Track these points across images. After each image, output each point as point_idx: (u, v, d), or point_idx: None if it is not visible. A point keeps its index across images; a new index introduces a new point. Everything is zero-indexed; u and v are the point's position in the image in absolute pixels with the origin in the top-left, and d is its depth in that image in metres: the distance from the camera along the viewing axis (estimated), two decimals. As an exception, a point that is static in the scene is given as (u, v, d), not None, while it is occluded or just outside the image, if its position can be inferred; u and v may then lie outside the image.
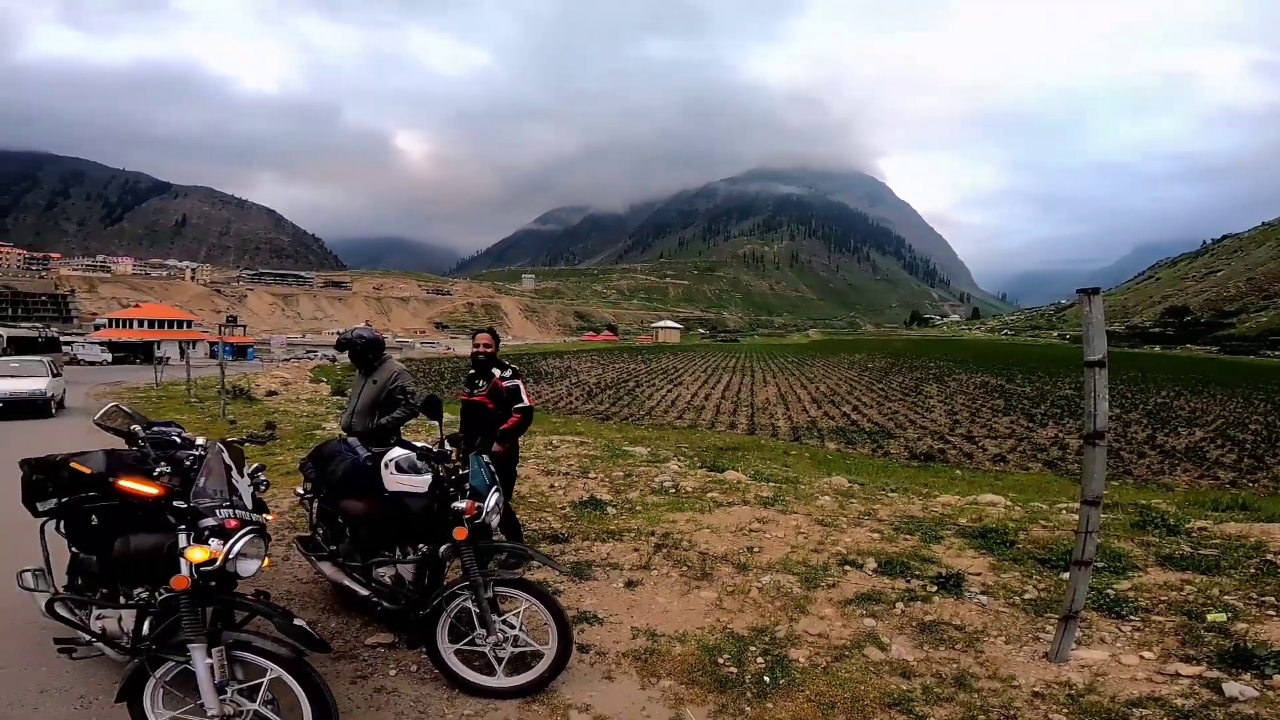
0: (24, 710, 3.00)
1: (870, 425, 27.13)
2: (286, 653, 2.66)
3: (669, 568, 4.75)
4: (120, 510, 2.97)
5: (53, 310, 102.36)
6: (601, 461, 9.15)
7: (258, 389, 22.86)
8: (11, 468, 3.46)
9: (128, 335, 66.42)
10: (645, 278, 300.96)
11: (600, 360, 68.69)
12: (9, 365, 17.07)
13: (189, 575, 2.60)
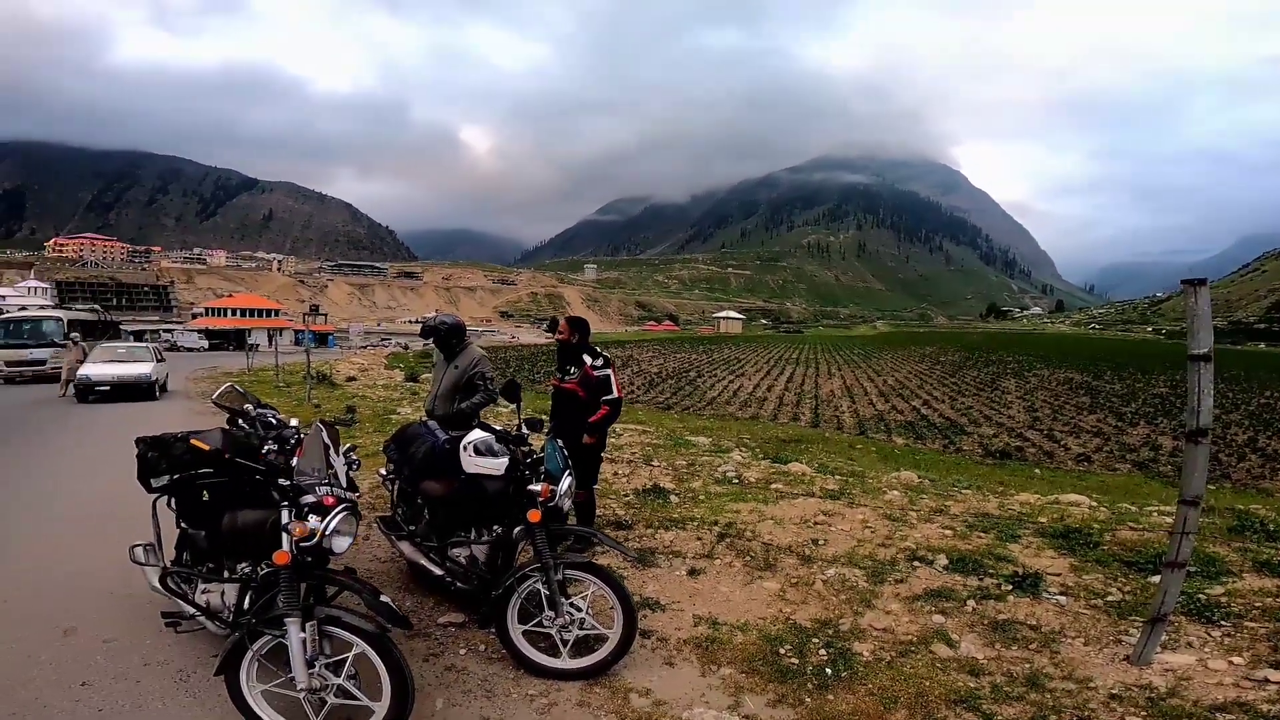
0: (127, 683, 3.15)
1: (941, 420, 26.19)
2: (372, 628, 2.74)
3: (732, 557, 4.75)
4: (229, 486, 3.15)
5: (154, 300, 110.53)
6: (664, 450, 9.22)
7: (338, 375, 24.10)
8: (126, 447, 3.68)
9: (222, 324, 71.09)
10: (707, 268, 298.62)
11: (661, 350, 68.79)
12: (117, 351, 18.60)
13: (290, 550, 2.72)
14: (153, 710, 2.92)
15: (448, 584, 3.77)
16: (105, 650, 3.42)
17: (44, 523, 5.74)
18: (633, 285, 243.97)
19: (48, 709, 2.90)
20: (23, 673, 3.17)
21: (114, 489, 6.50)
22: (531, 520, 3.40)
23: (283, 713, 2.75)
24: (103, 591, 4.11)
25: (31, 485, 7.24)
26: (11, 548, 5.00)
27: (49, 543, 5.13)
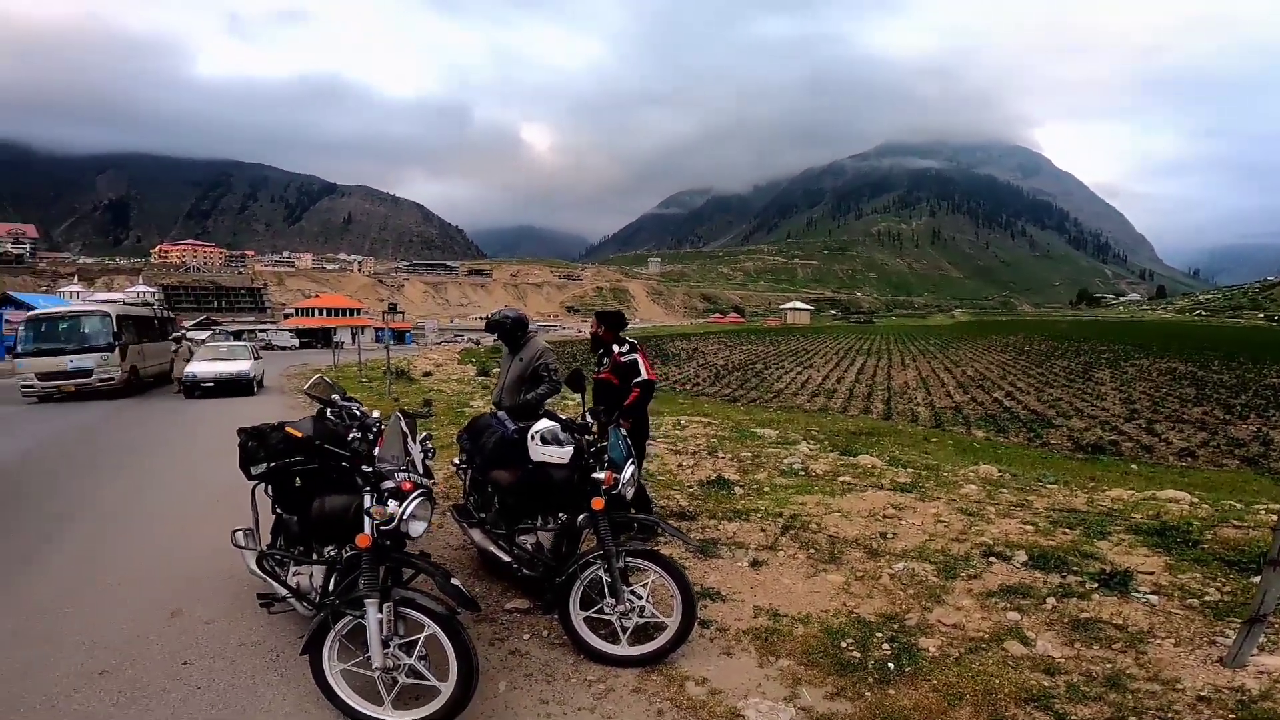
0: (223, 662, 3.34)
1: (1026, 413, 24.87)
2: (442, 611, 2.84)
3: (795, 549, 4.70)
4: (319, 473, 3.34)
5: (250, 302, 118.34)
6: (729, 442, 9.21)
7: (415, 370, 25.19)
8: (229, 439, 3.95)
9: (310, 323, 75.34)
10: (772, 259, 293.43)
11: (727, 342, 68.23)
12: (219, 350, 20.07)
13: (371, 534, 2.88)
14: (244, 689, 3.10)
15: (515, 570, 3.87)
16: (206, 631, 3.67)
17: (158, 510, 6.29)
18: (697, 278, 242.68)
19: (150, 687, 3.10)
20: (132, 652, 3.42)
21: (219, 477, 7.06)
22: (595, 508, 3.46)
23: (358, 691, 2.88)
24: (207, 574, 4.43)
25: (146, 476, 7.94)
26: (129, 534, 5.48)
27: (162, 528, 5.61)
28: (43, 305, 45.23)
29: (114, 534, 5.46)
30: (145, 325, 19.99)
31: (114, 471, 8.08)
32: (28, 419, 13.10)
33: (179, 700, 2.99)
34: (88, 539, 5.30)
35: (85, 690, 3.05)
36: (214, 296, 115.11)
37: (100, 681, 3.13)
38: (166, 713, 2.91)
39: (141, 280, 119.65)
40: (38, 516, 5.91)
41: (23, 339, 16.53)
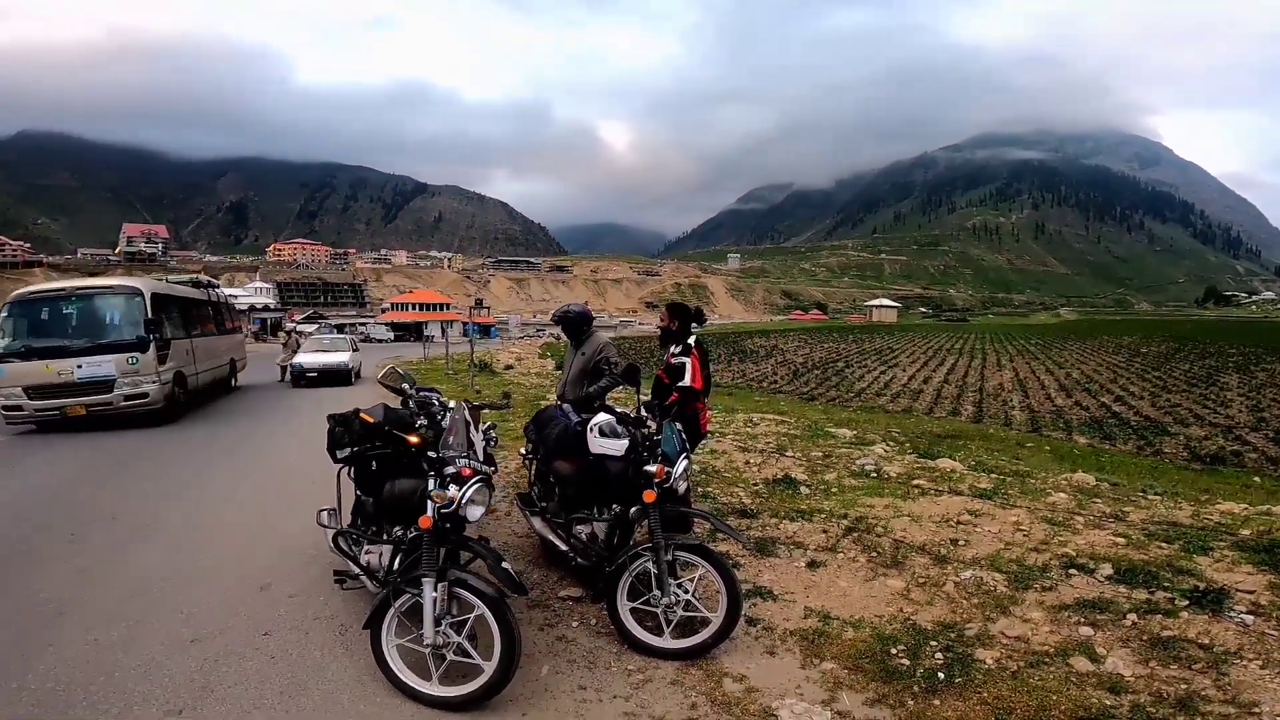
0: (298, 634, 3.59)
1: (1138, 419, 22.96)
2: (492, 593, 2.98)
3: (857, 552, 4.60)
4: (391, 458, 3.56)
5: (352, 297, 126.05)
6: (801, 441, 9.08)
7: (498, 363, 26.17)
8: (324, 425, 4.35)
9: (404, 317, 79.50)
10: (857, 254, 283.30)
11: (808, 339, 66.68)
12: (323, 342, 21.59)
13: (432, 516, 3.05)
14: (312, 660, 3.33)
15: (570, 559, 3.98)
16: (288, 604, 3.94)
17: (258, 490, 6.85)
18: (777, 274, 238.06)
19: (234, 655, 3.36)
20: (222, 622, 3.71)
21: (315, 461, 7.66)
22: (647, 500, 3.51)
23: (410, 666, 3.05)
24: (295, 551, 4.78)
25: (253, 457, 8.68)
26: (230, 512, 5.99)
27: (261, 507, 6.10)
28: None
29: (221, 511, 5.99)
30: (195, 312, 14.12)
31: (225, 452, 8.89)
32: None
33: (255, 669, 3.23)
34: (196, 515, 5.82)
35: (177, 657, 3.33)
36: (320, 292, 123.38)
37: (191, 649, 3.41)
38: (244, 680, 3.14)
39: (259, 277, 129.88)
40: (152, 495, 6.55)
41: (5, 331, 10.42)
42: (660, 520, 3.49)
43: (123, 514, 5.77)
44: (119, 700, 2.92)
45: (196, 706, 2.90)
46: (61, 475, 7.37)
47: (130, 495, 6.48)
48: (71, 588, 4.16)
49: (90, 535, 5.16)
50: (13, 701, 2.91)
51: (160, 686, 3.05)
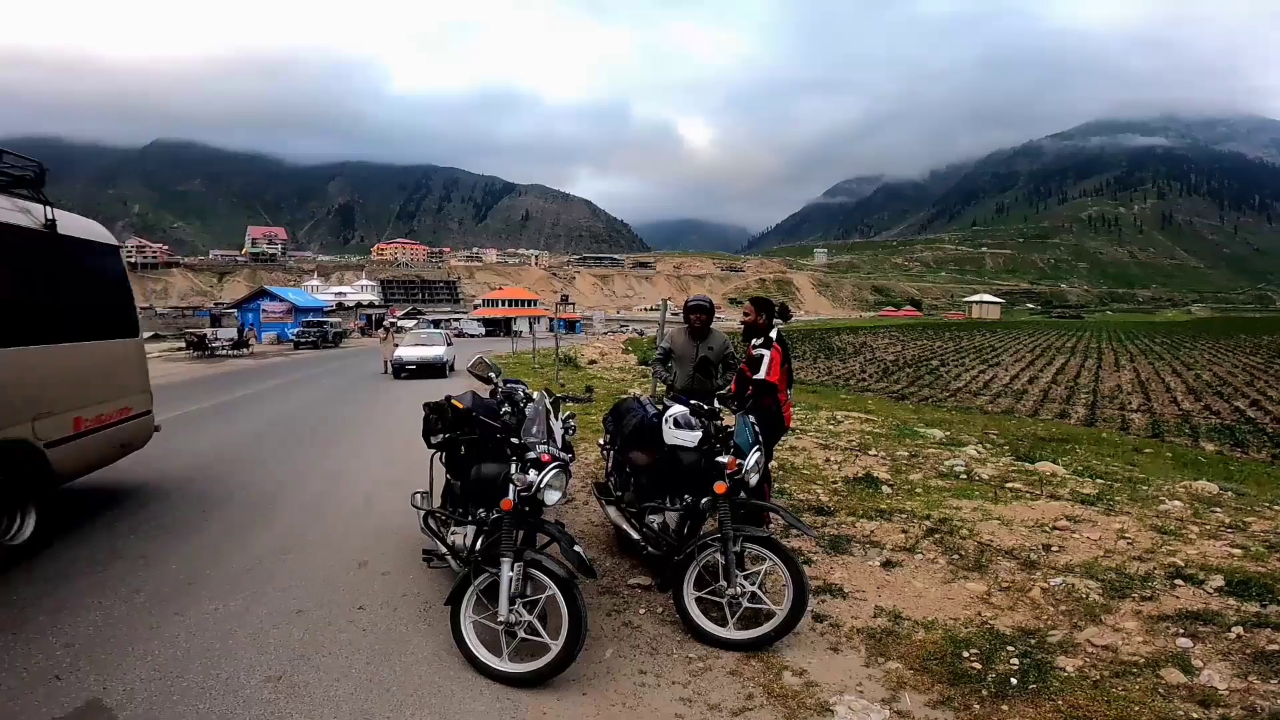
0: (387, 610, 3.81)
1: (1276, 426, 20.60)
2: (564, 574, 3.10)
3: (937, 554, 4.45)
4: (479, 443, 3.77)
5: (447, 294, 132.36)
6: (886, 440, 8.79)
7: (582, 358, 26.76)
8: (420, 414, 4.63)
9: (494, 313, 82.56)
10: (955, 248, 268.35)
11: (900, 336, 63.97)
12: (420, 336, 22.85)
13: (513, 499, 3.22)
14: (398, 634, 3.54)
15: (641, 548, 4.07)
16: (382, 581, 4.20)
17: (362, 473, 7.36)
18: (867, 269, 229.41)
19: (330, 627, 3.60)
20: (323, 596, 3.98)
21: (411, 447, 8.14)
22: (717, 491, 3.54)
23: (483, 642, 3.20)
24: (390, 531, 5.11)
25: (358, 443, 9.34)
26: (337, 494, 6.47)
27: (363, 489, 6.56)
28: (292, 298, 54.36)
29: (328, 492, 6.51)
30: None
31: (332, 440, 9.62)
32: (269, 396, 15.94)
33: (347, 640, 3.47)
34: (307, 496, 6.34)
35: (283, 627, 3.59)
36: (418, 289, 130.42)
37: (295, 620, 3.68)
38: (336, 650, 3.38)
39: (364, 275, 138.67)
40: (272, 476, 7.17)
41: None
42: (730, 512, 3.51)
43: (246, 493, 6.38)
44: (229, 666, 3.19)
45: (293, 673, 3.14)
46: (185, 461, 8.20)
47: (252, 478, 7.13)
48: (201, 560, 4.56)
49: (216, 513, 5.73)
50: (136, 665, 3.17)
51: (265, 654, 3.31)
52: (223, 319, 65.53)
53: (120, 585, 4.07)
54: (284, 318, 47.60)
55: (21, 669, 3.09)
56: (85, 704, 2.85)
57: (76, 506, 5.79)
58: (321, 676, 3.11)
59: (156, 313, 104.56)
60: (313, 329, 40.72)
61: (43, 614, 3.64)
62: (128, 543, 4.84)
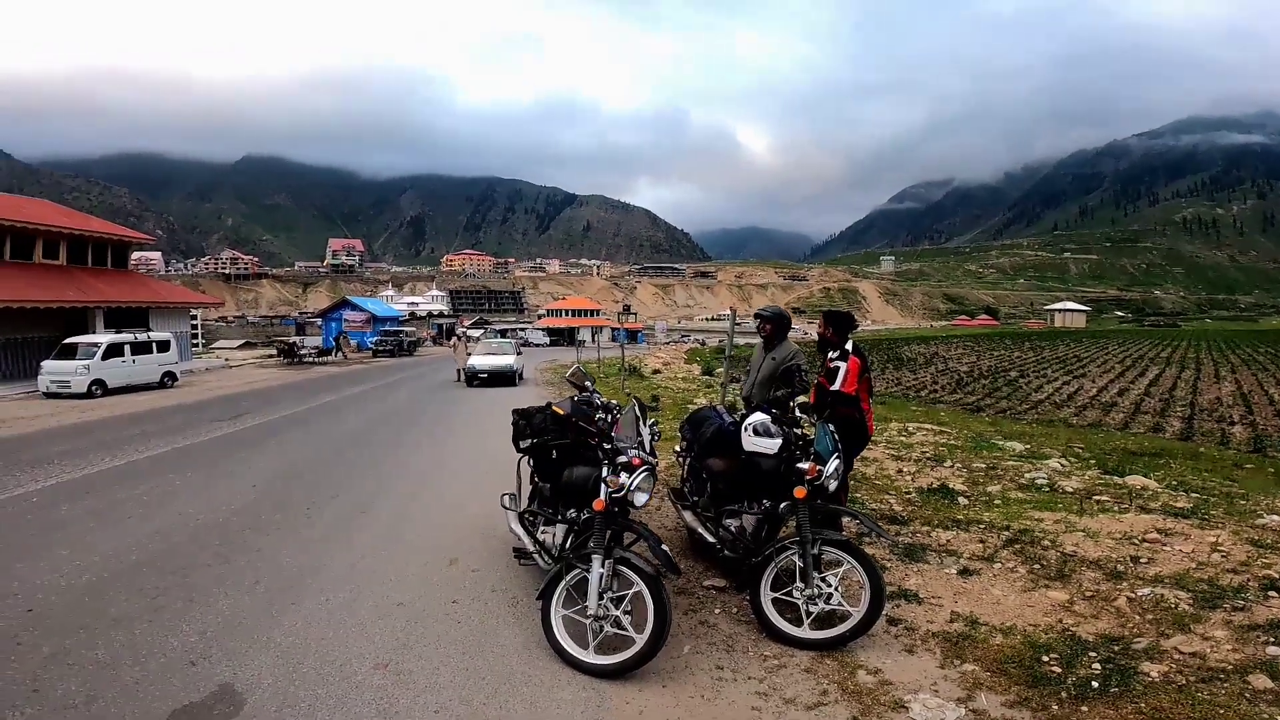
0: (478, 604, 4.03)
1: (1404, 444, 18.70)
2: (651, 572, 3.27)
3: (1017, 563, 4.39)
4: (570, 447, 3.99)
5: (512, 304, 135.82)
6: (961, 452, 8.58)
7: (645, 367, 27.02)
8: (498, 419, 4.93)
9: (558, 323, 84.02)
10: (1035, 254, 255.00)
11: (974, 346, 61.44)
12: (491, 346, 23.65)
13: (605, 500, 3.43)
14: (488, 626, 3.75)
15: (717, 551, 4.20)
16: (472, 577, 4.45)
17: (448, 476, 7.77)
18: (939, 276, 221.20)
19: (428, 618, 3.85)
20: (420, 590, 4.25)
21: (493, 449, 8.55)
22: (797, 496, 3.65)
23: (571, 635, 3.38)
24: (477, 530, 5.45)
25: (443, 446, 9.82)
26: (426, 495, 6.88)
27: (450, 491, 6.95)
28: (370, 308, 57.12)
29: (419, 492, 6.92)
30: None
31: (418, 443, 10.15)
32: (358, 401, 16.84)
33: (444, 631, 3.70)
34: (400, 496, 6.76)
35: (387, 619, 3.84)
36: (485, 299, 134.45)
37: (396, 612, 3.93)
38: (435, 640, 3.61)
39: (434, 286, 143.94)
40: (367, 477, 7.66)
41: None
42: (809, 516, 3.62)
43: (345, 494, 6.85)
44: (342, 652, 3.42)
45: (398, 660, 3.35)
46: (292, 460, 8.84)
47: (350, 477, 7.65)
48: (311, 555, 4.92)
49: (322, 511, 6.18)
50: (261, 653, 3.43)
51: (373, 643, 3.54)
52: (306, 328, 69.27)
53: (242, 577, 4.46)
54: (364, 327, 50.06)
55: (160, 654, 3.39)
56: (219, 688, 3.08)
57: (192, 501, 6.38)
58: (423, 665, 3.32)
59: (248, 321, 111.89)
60: (390, 338, 42.77)
61: (178, 602, 4.03)
62: (244, 538, 5.31)
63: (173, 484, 7.23)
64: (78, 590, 4.23)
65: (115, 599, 4.07)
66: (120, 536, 5.33)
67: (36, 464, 8.41)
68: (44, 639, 3.55)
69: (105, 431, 11.37)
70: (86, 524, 5.68)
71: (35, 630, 3.65)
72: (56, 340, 19.92)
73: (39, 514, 6.04)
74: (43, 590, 4.21)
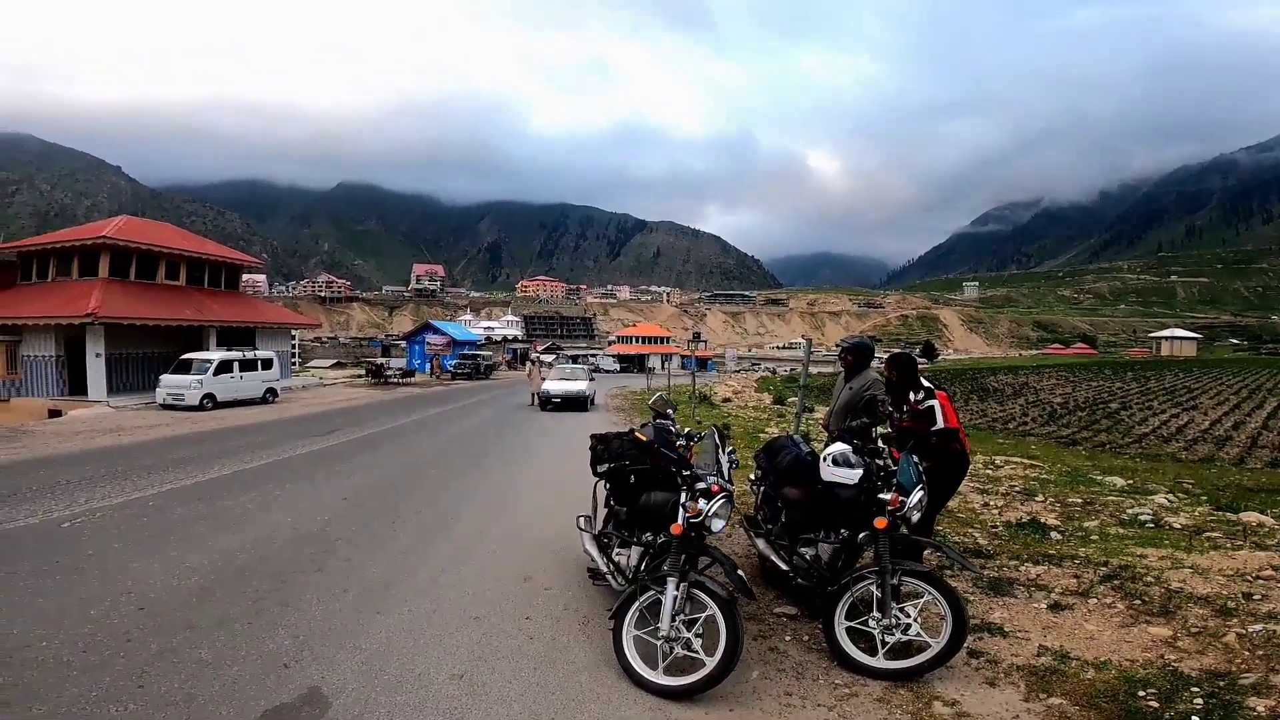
0: (550, 621, 4.13)
1: None
2: (725, 595, 3.30)
3: (1115, 599, 4.16)
4: (649, 472, 4.08)
5: (583, 330, 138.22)
6: (1055, 486, 8.09)
7: (715, 396, 26.85)
8: (574, 443, 5.04)
9: (628, 350, 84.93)
10: (1137, 277, 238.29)
11: (1069, 377, 57.69)
12: (565, 371, 24.14)
13: (683, 524, 3.50)
14: (560, 644, 3.83)
15: (790, 578, 4.19)
16: (544, 595, 4.57)
17: (522, 495, 7.98)
18: (1028, 303, 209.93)
19: (502, 633, 3.93)
20: (495, 605, 4.38)
21: (565, 473, 8.72)
22: (878, 527, 3.61)
23: (641, 656, 3.42)
24: (549, 549, 5.57)
25: (517, 468, 10.08)
26: (503, 513, 7.09)
27: (526, 510, 7.13)
28: (451, 332, 59.60)
29: (495, 511, 7.13)
30: None
31: (494, 463, 10.47)
32: (439, 421, 17.55)
33: (517, 646, 3.80)
34: (478, 514, 6.99)
35: (464, 631, 3.97)
36: (557, 325, 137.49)
37: (472, 625, 4.05)
38: (508, 654, 3.71)
39: (509, 311, 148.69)
40: (448, 494, 7.96)
41: None
42: (889, 547, 3.58)
43: (427, 509, 7.14)
44: (421, 663, 3.55)
45: (473, 672, 3.46)
46: (380, 475, 9.29)
47: (433, 494, 7.97)
48: (395, 566, 5.13)
49: (406, 525, 6.47)
50: (347, 658, 3.58)
51: (450, 654, 3.67)
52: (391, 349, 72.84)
53: (334, 585, 4.72)
54: (444, 350, 52.29)
55: (257, 655, 3.58)
56: (308, 691, 3.23)
57: (291, 510, 6.81)
58: (496, 678, 3.41)
59: (339, 342, 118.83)
60: (468, 361, 44.48)
61: (275, 606, 4.29)
62: (336, 547, 5.63)
63: (273, 493, 7.75)
64: (186, 590, 4.54)
65: (220, 600, 4.35)
66: (226, 541, 5.74)
67: (154, 470, 9.21)
68: (153, 636, 3.79)
69: (214, 442, 12.33)
70: (197, 528, 6.16)
71: (145, 627, 3.91)
72: (173, 356, 21.82)
73: (155, 516, 6.59)
74: (155, 589, 4.53)
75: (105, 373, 21.79)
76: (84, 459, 10.32)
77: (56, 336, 21.94)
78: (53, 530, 6.01)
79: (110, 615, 4.08)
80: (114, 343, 22.20)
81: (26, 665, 3.42)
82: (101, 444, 12.18)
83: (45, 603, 4.27)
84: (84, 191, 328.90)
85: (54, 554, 5.27)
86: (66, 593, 4.45)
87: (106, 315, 21.07)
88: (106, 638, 3.76)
